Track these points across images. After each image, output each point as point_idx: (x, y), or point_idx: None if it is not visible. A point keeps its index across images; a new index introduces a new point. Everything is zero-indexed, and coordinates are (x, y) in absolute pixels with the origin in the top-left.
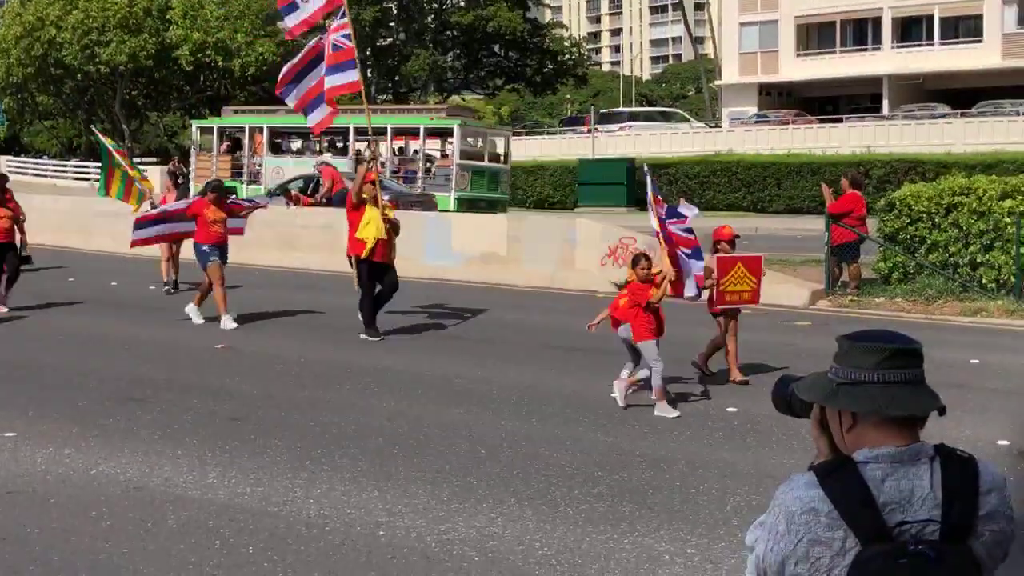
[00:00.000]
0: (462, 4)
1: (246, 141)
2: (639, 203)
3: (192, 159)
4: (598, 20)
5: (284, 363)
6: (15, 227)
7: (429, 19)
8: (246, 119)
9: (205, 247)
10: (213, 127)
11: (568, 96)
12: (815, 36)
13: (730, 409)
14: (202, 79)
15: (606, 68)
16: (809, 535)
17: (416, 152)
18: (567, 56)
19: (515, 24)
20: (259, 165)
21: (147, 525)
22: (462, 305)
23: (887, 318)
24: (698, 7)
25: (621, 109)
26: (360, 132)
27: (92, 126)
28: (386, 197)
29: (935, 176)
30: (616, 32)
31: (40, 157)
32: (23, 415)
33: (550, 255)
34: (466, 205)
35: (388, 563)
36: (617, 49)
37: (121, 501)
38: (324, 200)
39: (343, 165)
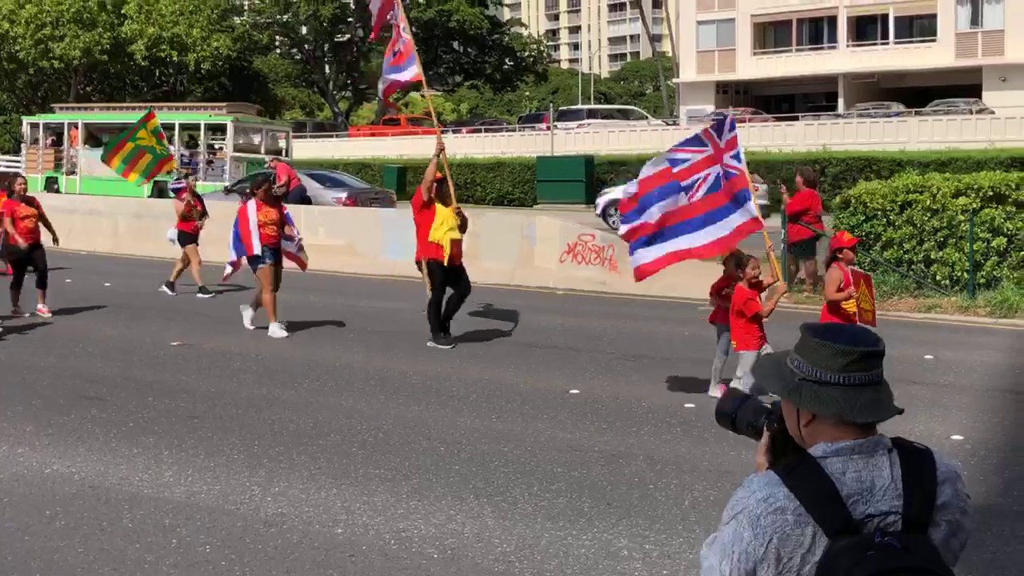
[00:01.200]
0: (421, 1)
1: (66, 136)
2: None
3: (23, 152)
4: (557, 17)
5: (241, 360)
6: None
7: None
8: (65, 116)
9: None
10: (39, 123)
11: (527, 93)
12: (772, 35)
13: (688, 405)
14: (157, 74)
15: (565, 65)
16: (778, 534)
17: (198, 145)
18: (527, 53)
19: (476, 20)
20: (75, 156)
21: (102, 524)
22: (421, 302)
23: None
24: (655, 5)
25: (580, 107)
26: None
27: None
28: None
29: (890, 174)
30: (575, 30)
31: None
32: None
33: (509, 252)
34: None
35: (347, 561)
36: (576, 47)
37: (76, 500)
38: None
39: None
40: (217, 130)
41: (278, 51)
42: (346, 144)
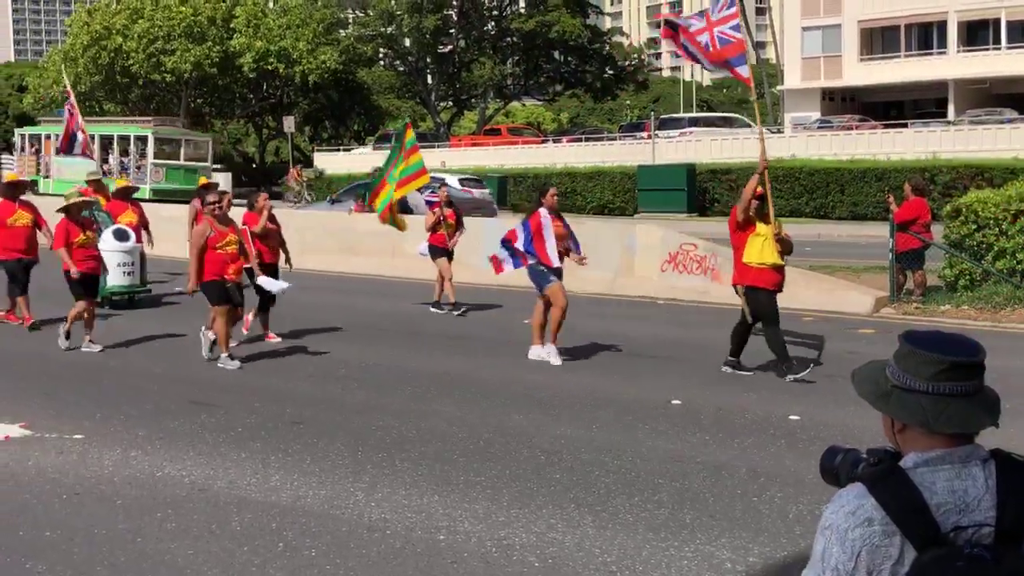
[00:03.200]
0: (522, 11)
1: (41, 145)
2: (701, 209)
3: (15, 159)
4: (658, 26)
5: (346, 367)
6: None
7: (489, 26)
8: (43, 128)
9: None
10: (26, 134)
11: (628, 102)
12: (879, 40)
13: (792, 417)
14: (265, 87)
15: (666, 74)
16: (866, 547)
17: (127, 154)
18: (627, 62)
19: (576, 30)
20: (48, 163)
21: (211, 527)
22: (521, 311)
23: (953, 326)
24: (759, 12)
25: (681, 115)
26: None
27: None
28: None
29: (1002, 182)
30: None
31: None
32: (91, 418)
33: (609, 261)
34: (163, 194)
35: (448, 567)
36: (677, 55)
37: (186, 503)
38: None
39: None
40: (140, 140)
41: (382, 63)
42: (447, 154)
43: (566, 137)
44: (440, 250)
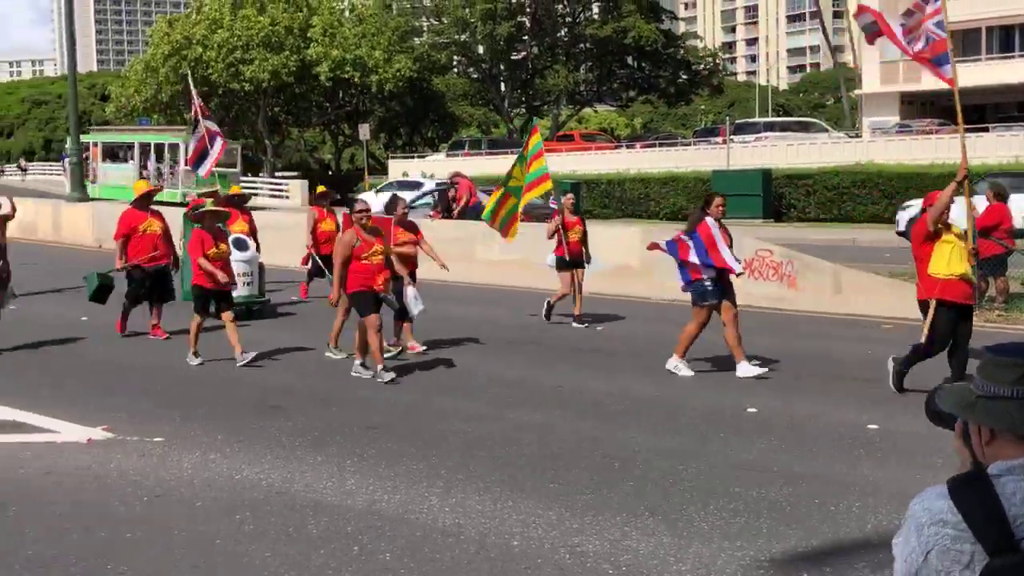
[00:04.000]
0: (596, 17)
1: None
2: (777, 215)
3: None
4: (733, 30)
5: (420, 372)
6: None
7: (563, 32)
8: (91, 136)
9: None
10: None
11: (702, 107)
12: (959, 43)
13: (871, 426)
14: (341, 95)
15: (741, 78)
16: (937, 547)
17: (160, 160)
18: (702, 66)
19: (650, 35)
20: (95, 169)
21: (288, 530)
22: (594, 318)
23: None
24: (836, 15)
25: (757, 119)
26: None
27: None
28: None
29: None
30: (752, 41)
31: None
32: (171, 421)
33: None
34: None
35: (522, 573)
36: (753, 59)
37: (264, 505)
38: (458, 213)
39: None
40: (173, 147)
41: (456, 70)
42: None
43: (640, 143)
44: (562, 261)
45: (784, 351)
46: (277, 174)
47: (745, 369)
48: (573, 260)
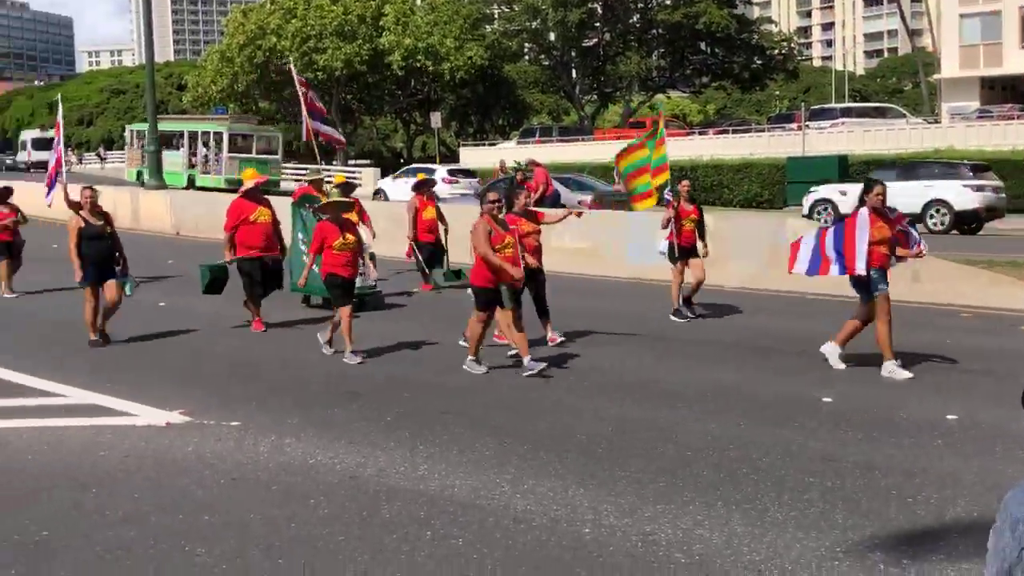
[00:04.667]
0: (668, 2)
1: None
2: None
3: (126, 153)
4: (809, 14)
5: (492, 359)
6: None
7: (634, 19)
8: (144, 125)
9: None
10: (133, 130)
11: (777, 92)
12: None
13: (950, 417)
14: (412, 83)
15: (817, 63)
16: None
17: (206, 147)
18: (776, 51)
19: (723, 20)
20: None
21: (362, 514)
22: (667, 306)
23: None
24: None
25: (833, 105)
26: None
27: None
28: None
29: None
30: (828, 26)
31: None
32: (247, 406)
33: (757, 255)
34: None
35: (594, 561)
36: (829, 43)
37: (338, 490)
38: (535, 202)
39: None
40: (217, 135)
41: (527, 58)
42: (591, 147)
43: (713, 129)
44: (675, 249)
45: (862, 340)
46: (350, 162)
47: (890, 368)
48: (685, 249)
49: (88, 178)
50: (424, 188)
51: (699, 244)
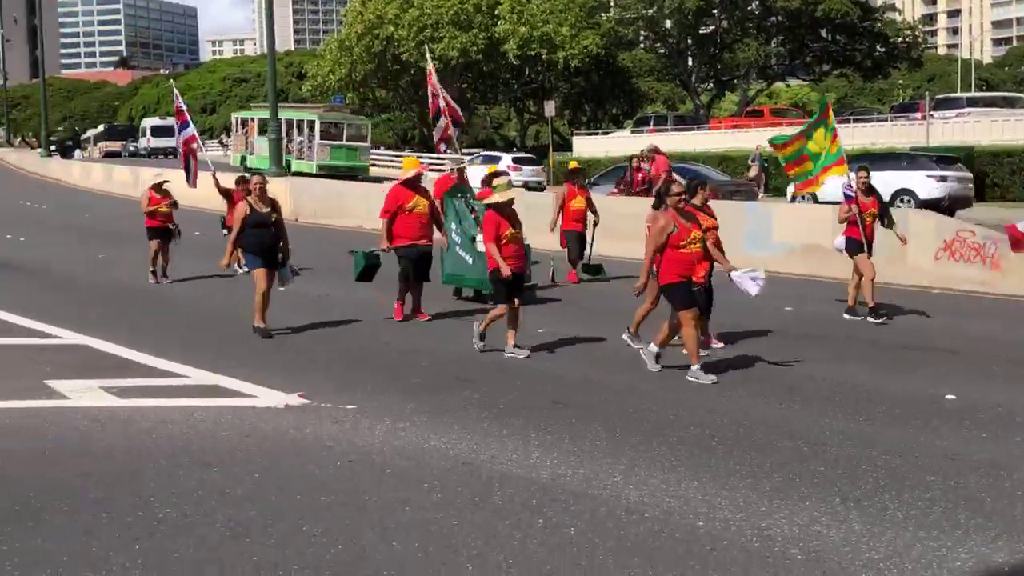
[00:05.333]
0: None
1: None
2: (979, 194)
3: (232, 139)
4: (934, 1)
5: (604, 349)
6: None
7: (753, 5)
8: (247, 112)
9: None
10: (238, 118)
11: (900, 81)
12: None
13: None
14: (527, 72)
15: (942, 51)
16: None
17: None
18: (900, 39)
19: (844, 7)
20: (252, 143)
21: (475, 500)
22: (783, 298)
23: None
24: None
25: (959, 94)
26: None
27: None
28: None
29: None
30: (954, 13)
31: (378, 148)
32: (363, 390)
33: (878, 249)
34: (328, 169)
35: (707, 554)
36: (955, 31)
37: (451, 475)
38: (643, 189)
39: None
40: (309, 124)
41: (642, 46)
42: (707, 137)
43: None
44: (857, 244)
45: (988, 337)
46: (464, 151)
47: None
48: (865, 244)
49: (215, 166)
50: (575, 177)
51: (897, 230)
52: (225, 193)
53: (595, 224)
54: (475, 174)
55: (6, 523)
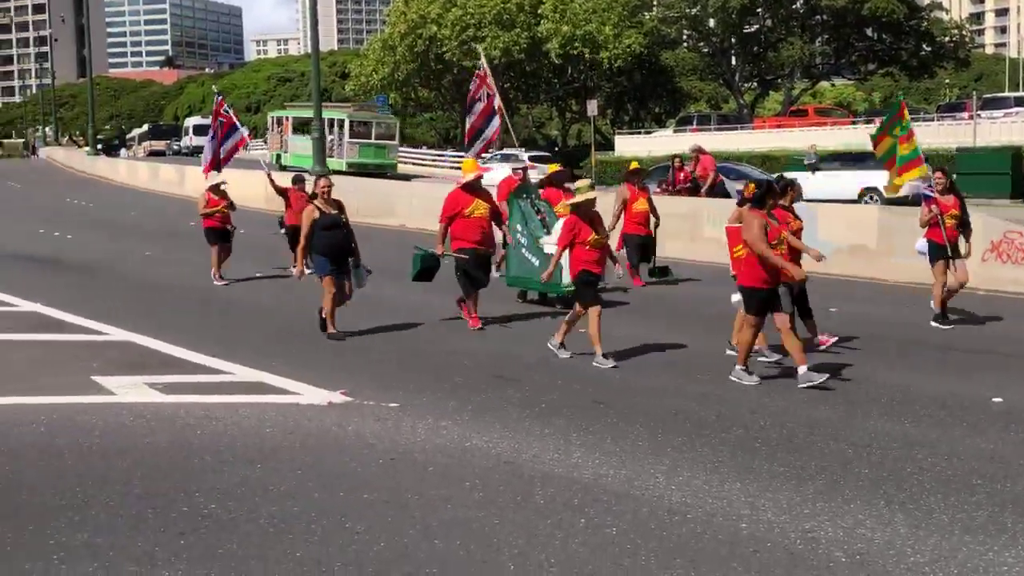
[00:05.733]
0: None
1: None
2: None
3: (269, 138)
4: (982, 0)
5: (645, 350)
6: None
7: (798, 4)
8: (282, 111)
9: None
10: (273, 117)
11: (947, 80)
12: None
13: None
14: (569, 71)
15: (989, 50)
16: None
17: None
18: (947, 38)
19: (890, 6)
20: (286, 141)
21: (516, 499)
22: (828, 299)
23: None
24: None
25: (1007, 94)
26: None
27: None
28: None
29: None
30: (1002, 12)
31: (419, 147)
32: (405, 388)
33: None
34: (356, 167)
35: (751, 556)
36: (1003, 30)
37: (492, 474)
38: (685, 188)
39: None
40: (339, 122)
41: (685, 45)
42: (750, 136)
43: (878, 118)
44: (939, 248)
45: None
46: (506, 150)
47: None
48: (948, 248)
49: (254, 163)
50: (636, 178)
51: (961, 243)
52: (281, 192)
53: (656, 224)
54: (496, 175)
55: (53, 517)
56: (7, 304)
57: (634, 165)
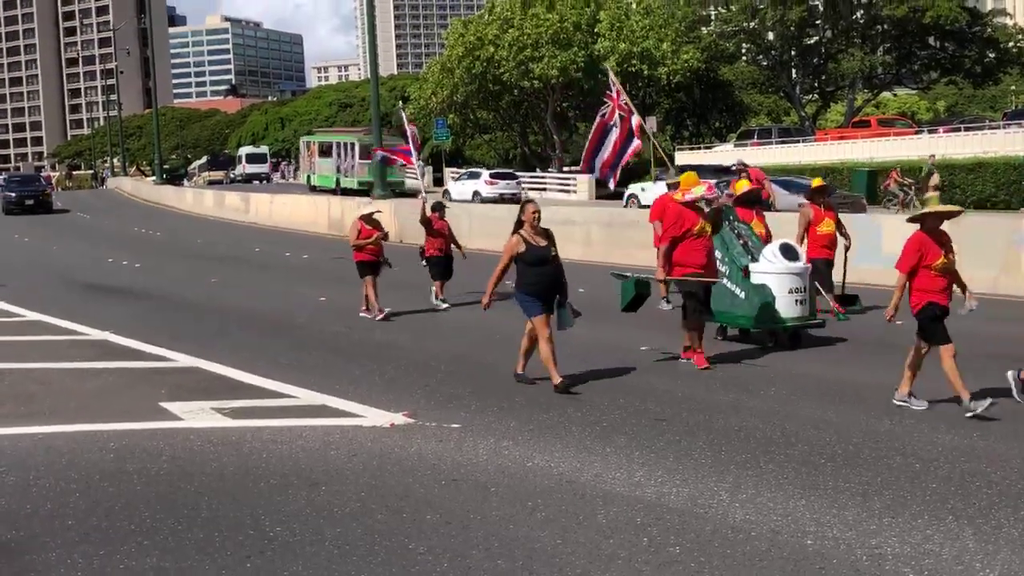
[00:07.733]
0: None
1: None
2: None
3: (301, 161)
4: None
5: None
6: None
7: (858, 14)
8: (310, 136)
9: None
10: (303, 141)
11: (1013, 87)
12: None
13: None
14: (628, 88)
15: None
16: None
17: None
18: (1012, 44)
19: (952, 13)
20: (314, 163)
21: (579, 518)
22: (864, 308)
23: None
24: None
25: None
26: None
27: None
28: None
29: None
30: None
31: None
32: (466, 408)
33: (993, 259)
34: (367, 184)
35: (816, 573)
36: None
37: (554, 493)
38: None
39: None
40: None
41: (744, 59)
42: (812, 149)
43: (943, 127)
44: None
45: None
46: (565, 169)
47: None
48: None
49: (301, 188)
50: (820, 196)
51: None
52: (425, 222)
53: (847, 248)
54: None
55: (122, 541)
56: (79, 333)
57: (817, 182)
